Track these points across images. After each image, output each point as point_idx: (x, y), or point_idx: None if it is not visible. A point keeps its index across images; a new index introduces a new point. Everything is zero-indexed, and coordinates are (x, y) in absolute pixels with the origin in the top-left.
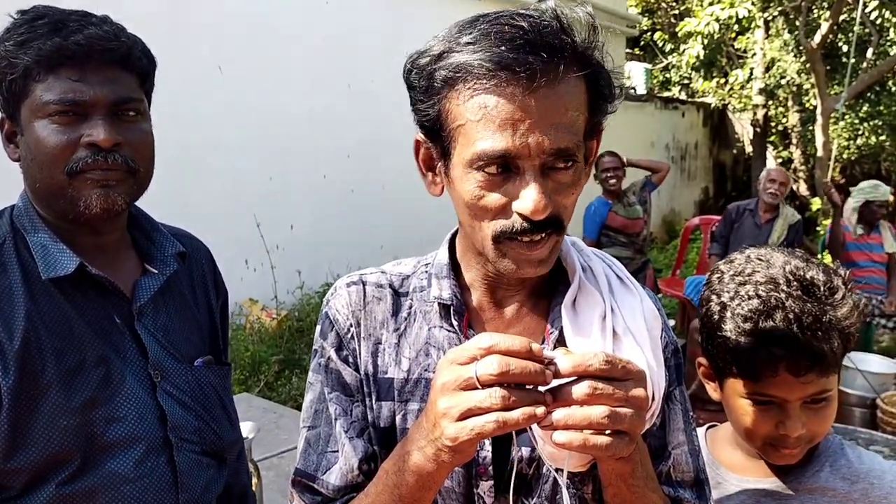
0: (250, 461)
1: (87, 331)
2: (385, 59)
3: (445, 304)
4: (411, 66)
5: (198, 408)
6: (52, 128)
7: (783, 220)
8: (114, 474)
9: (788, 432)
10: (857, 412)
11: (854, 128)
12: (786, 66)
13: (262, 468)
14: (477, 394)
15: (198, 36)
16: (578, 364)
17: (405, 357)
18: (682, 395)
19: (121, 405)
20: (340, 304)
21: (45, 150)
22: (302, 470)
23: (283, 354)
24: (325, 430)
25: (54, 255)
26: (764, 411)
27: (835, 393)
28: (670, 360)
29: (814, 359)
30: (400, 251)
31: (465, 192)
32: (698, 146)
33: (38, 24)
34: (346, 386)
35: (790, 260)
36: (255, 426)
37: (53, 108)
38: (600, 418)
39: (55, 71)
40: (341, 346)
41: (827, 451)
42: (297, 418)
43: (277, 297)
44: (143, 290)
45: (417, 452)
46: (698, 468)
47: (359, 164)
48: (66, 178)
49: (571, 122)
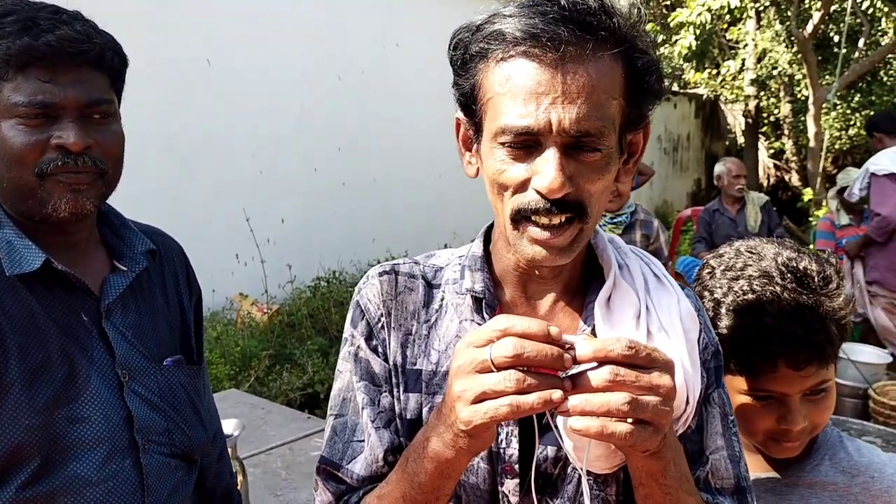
0: (235, 459)
1: (52, 328)
2: (376, 52)
3: (478, 296)
4: (454, 42)
5: (167, 408)
6: (21, 128)
7: (752, 206)
8: (76, 477)
9: (791, 426)
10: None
11: (846, 118)
12: (777, 56)
13: (249, 465)
14: (491, 377)
15: (186, 29)
16: (599, 349)
17: (435, 349)
18: (722, 399)
19: (85, 405)
20: (372, 293)
21: (12, 151)
22: (327, 458)
23: (273, 349)
24: (351, 420)
25: (20, 251)
26: (764, 406)
27: (833, 383)
28: (709, 361)
29: (812, 351)
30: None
31: (489, 167)
32: (690, 137)
33: (6, 21)
34: (375, 376)
35: (781, 251)
36: (240, 423)
37: (22, 109)
38: (620, 405)
39: (24, 71)
40: (371, 335)
41: (826, 444)
42: (284, 414)
43: (268, 291)
44: (112, 287)
45: (436, 438)
46: (739, 475)
47: (350, 158)
48: (36, 180)
49: (599, 104)
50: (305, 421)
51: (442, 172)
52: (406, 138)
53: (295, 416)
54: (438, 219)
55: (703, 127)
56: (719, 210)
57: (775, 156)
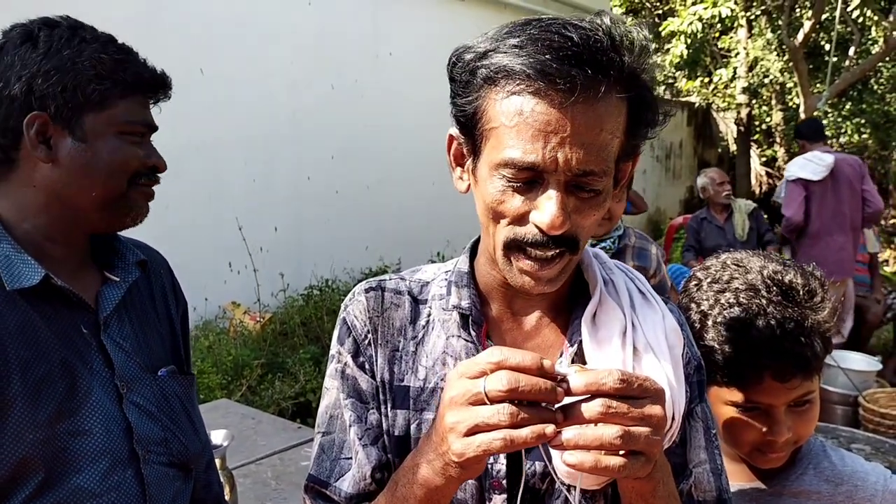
0: (224, 469)
1: (53, 341)
2: (369, 60)
3: (464, 313)
4: (456, 60)
5: (164, 418)
6: (128, 144)
7: (739, 214)
8: (80, 490)
9: (776, 437)
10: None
11: (837, 126)
12: (769, 64)
13: (238, 475)
14: (485, 409)
15: (179, 37)
16: (591, 382)
17: (422, 366)
18: (705, 413)
19: (86, 418)
20: (358, 309)
21: (123, 160)
22: (315, 476)
23: (266, 358)
24: (339, 437)
25: (18, 266)
26: (751, 418)
27: (817, 395)
28: (692, 376)
29: (798, 364)
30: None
31: (487, 193)
32: (683, 145)
33: (126, 48)
34: (362, 393)
35: (766, 264)
36: (229, 434)
37: (133, 127)
38: (612, 439)
39: (135, 96)
40: (358, 352)
41: (809, 453)
42: (276, 424)
43: (261, 300)
44: (107, 299)
45: (426, 465)
46: (721, 488)
47: (343, 166)
48: (126, 188)
49: (604, 145)
50: (296, 431)
51: (435, 180)
52: (399, 146)
53: (285, 426)
54: (431, 226)
55: (696, 135)
56: (707, 218)
57: (767, 163)
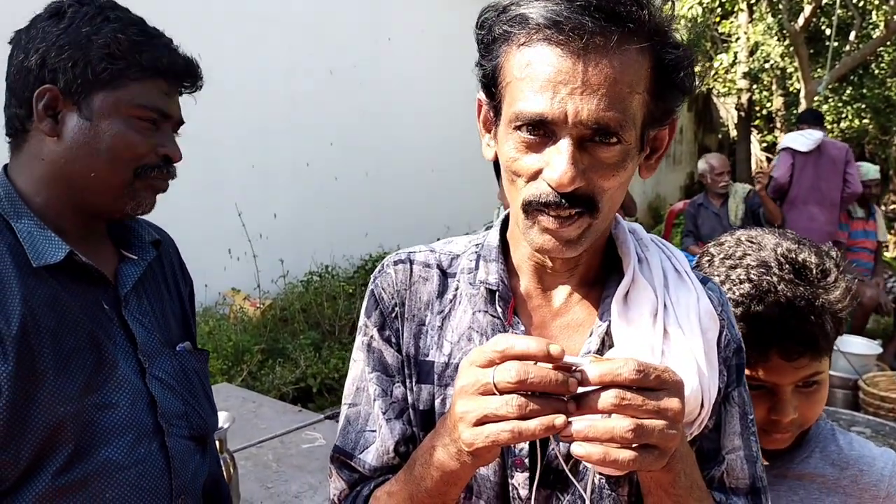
0: (226, 451)
1: (80, 314)
2: (368, 45)
3: (491, 288)
4: (479, 22)
5: (184, 392)
6: (137, 129)
7: (734, 199)
8: (108, 462)
9: (780, 417)
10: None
11: (838, 111)
12: (769, 49)
13: (240, 458)
14: (493, 400)
15: (176, 23)
16: (606, 373)
17: (447, 341)
18: (742, 398)
19: (113, 391)
20: (386, 282)
21: (126, 146)
22: (340, 447)
23: (266, 344)
24: (364, 409)
25: (41, 242)
26: (755, 397)
27: (826, 376)
28: (731, 359)
29: (806, 343)
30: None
31: (503, 153)
32: (683, 131)
33: (149, 31)
34: (388, 366)
35: (781, 242)
36: (230, 416)
37: (143, 111)
38: (624, 432)
39: (152, 79)
40: (384, 325)
41: (817, 436)
42: (276, 408)
43: (261, 286)
44: (127, 276)
45: (441, 448)
46: (755, 475)
47: (342, 152)
48: (132, 177)
49: (620, 98)
50: (296, 414)
51: (434, 167)
52: (398, 133)
53: (286, 409)
54: (430, 213)
55: (696, 120)
56: (703, 204)
57: (768, 149)
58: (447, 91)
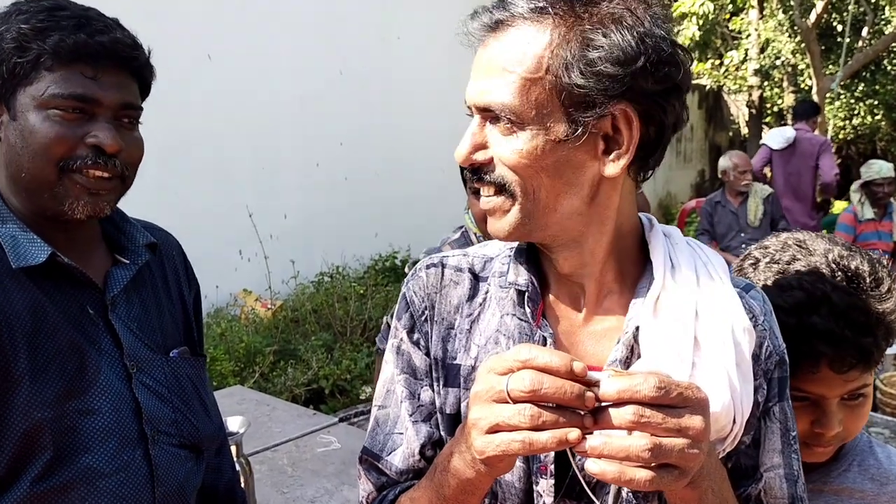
0: (242, 457)
1: (60, 320)
2: (377, 46)
3: (520, 289)
4: None
5: (174, 399)
6: (55, 120)
7: (754, 198)
8: (89, 469)
9: (825, 431)
10: None
11: (850, 107)
12: (780, 46)
13: (255, 462)
14: (507, 409)
15: (186, 24)
16: (625, 389)
17: (475, 344)
18: (784, 413)
19: (95, 397)
20: (418, 285)
21: (42, 141)
22: (369, 449)
23: (278, 345)
24: (393, 411)
25: (24, 245)
26: (798, 408)
27: (871, 389)
28: (773, 371)
29: (858, 355)
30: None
31: None
32: (693, 128)
33: (61, 14)
34: (416, 369)
35: (832, 248)
36: (246, 421)
37: (61, 101)
38: (641, 451)
39: (69, 66)
40: (413, 328)
41: (854, 449)
42: (290, 411)
43: (272, 287)
44: (116, 280)
45: (458, 456)
46: (795, 495)
47: (351, 152)
48: (56, 174)
49: (494, 76)
50: (311, 417)
51: (444, 166)
52: (407, 132)
53: (300, 413)
54: (441, 212)
55: (707, 118)
56: (721, 202)
57: None
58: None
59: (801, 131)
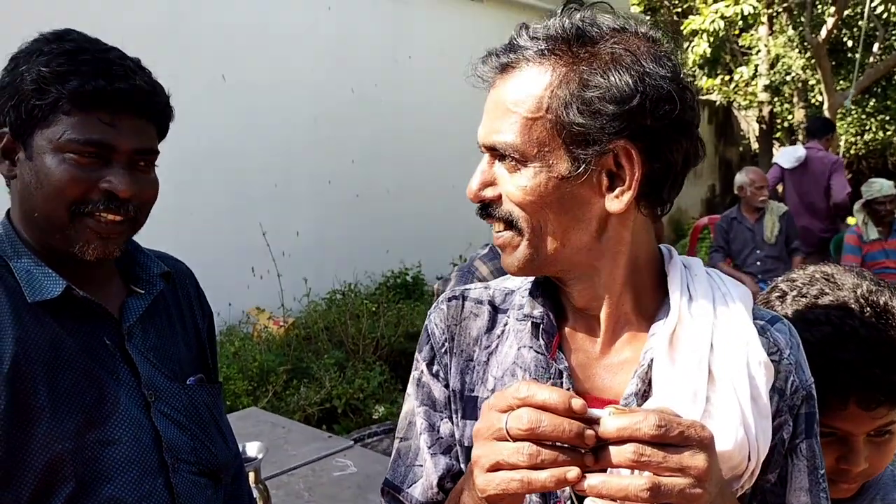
0: (260, 482)
1: (78, 352)
2: (389, 64)
3: (536, 322)
4: None
5: (193, 427)
6: (71, 163)
7: (771, 215)
8: (112, 499)
9: (851, 467)
10: None
11: (861, 123)
12: (791, 62)
13: (270, 487)
14: (506, 447)
15: (200, 44)
16: (624, 428)
17: (492, 376)
18: (812, 451)
19: (115, 427)
20: (439, 318)
21: (56, 184)
22: (390, 481)
23: (290, 363)
24: (414, 443)
25: (39, 279)
26: (826, 444)
27: None
28: (799, 407)
29: (888, 392)
30: (406, 255)
31: None
32: (704, 144)
33: (80, 58)
34: (435, 401)
35: (860, 282)
36: (263, 446)
37: (77, 146)
38: (639, 490)
39: (87, 111)
40: (433, 360)
41: (878, 483)
42: (305, 433)
43: (284, 304)
44: (131, 310)
45: (467, 493)
46: None
47: (364, 169)
48: (68, 217)
49: (500, 117)
50: (326, 440)
51: (455, 183)
52: (419, 149)
53: (315, 436)
54: (452, 229)
55: (717, 133)
56: (737, 218)
57: None
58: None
59: (813, 150)
